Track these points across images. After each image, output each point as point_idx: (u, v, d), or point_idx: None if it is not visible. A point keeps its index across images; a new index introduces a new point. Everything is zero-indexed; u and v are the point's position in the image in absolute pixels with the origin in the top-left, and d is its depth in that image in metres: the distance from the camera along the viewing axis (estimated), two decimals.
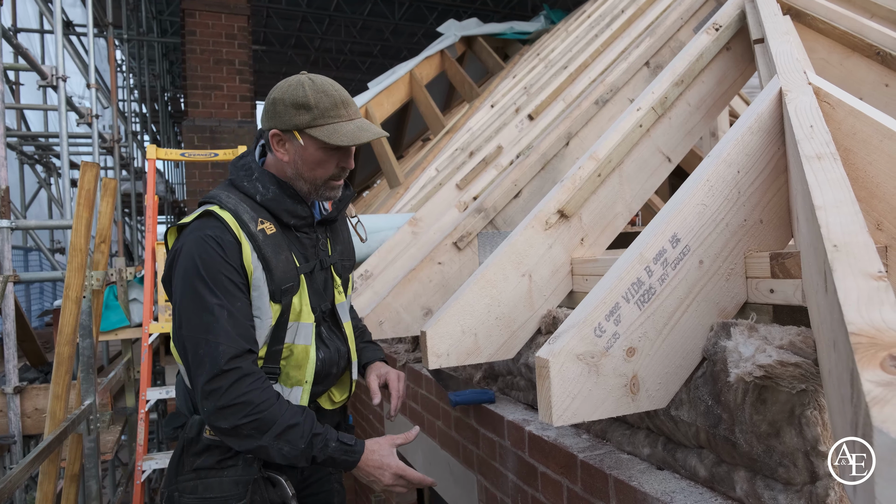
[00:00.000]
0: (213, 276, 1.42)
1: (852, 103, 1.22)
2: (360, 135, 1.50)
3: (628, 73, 2.61)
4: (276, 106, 1.51)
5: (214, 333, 1.39)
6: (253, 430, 1.39)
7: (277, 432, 1.40)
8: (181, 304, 1.45)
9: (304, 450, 1.43)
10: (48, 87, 4.46)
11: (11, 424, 3.19)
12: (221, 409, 1.38)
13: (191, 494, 1.54)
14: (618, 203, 1.91)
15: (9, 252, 3.26)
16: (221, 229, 1.45)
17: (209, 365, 1.38)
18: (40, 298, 11.79)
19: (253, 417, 1.39)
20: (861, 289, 0.68)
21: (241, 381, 1.39)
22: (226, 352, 1.39)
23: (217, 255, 1.43)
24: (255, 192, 1.54)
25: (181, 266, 1.45)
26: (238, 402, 1.38)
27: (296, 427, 1.43)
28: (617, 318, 1.12)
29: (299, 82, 1.51)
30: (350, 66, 14.41)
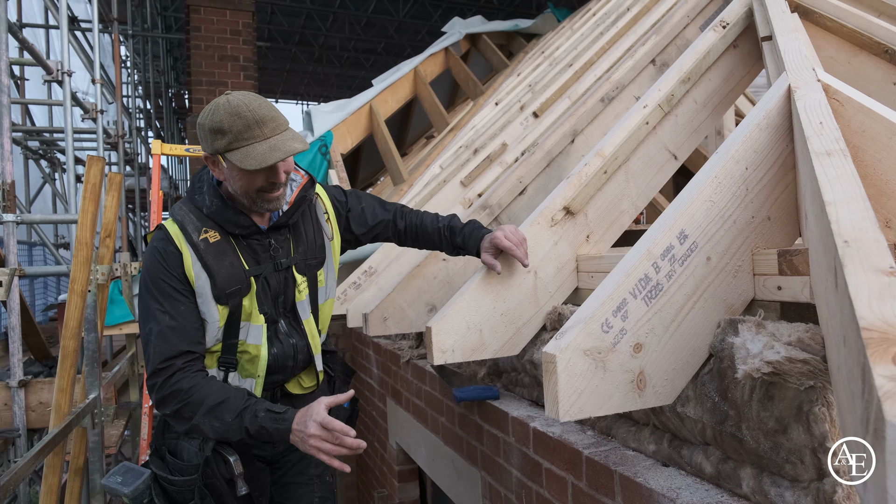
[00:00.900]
0: (156, 284, 1.60)
1: (862, 100, 1.21)
2: (269, 156, 1.53)
3: (634, 70, 2.60)
4: (199, 131, 1.59)
5: (155, 336, 1.57)
6: (188, 412, 1.56)
7: (205, 410, 1.55)
8: (138, 307, 1.66)
9: (232, 422, 1.54)
10: (53, 81, 4.47)
11: (16, 418, 3.20)
12: (160, 400, 1.58)
13: (170, 453, 1.73)
14: (623, 200, 1.91)
15: (14, 246, 3.27)
16: (165, 241, 1.62)
17: (149, 365, 1.58)
18: (44, 293, 11.82)
19: (184, 402, 1.55)
20: (872, 284, 0.68)
21: (173, 377, 1.56)
22: (161, 353, 1.56)
23: (160, 265, 1.60)
24: (202, 204, 1.68)
25: (141, 274, 1.65)
26: (170, 391, 1.56)
27: (223, 403, 1.55)
28: (624, 313, 1.12)
29: (216, 106, 1.56)
30: (354, 63, 14.40)
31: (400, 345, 3.27)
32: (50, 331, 5.84)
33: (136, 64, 9.56)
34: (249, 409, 1.55)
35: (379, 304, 2.24)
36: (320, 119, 5.63)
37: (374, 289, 3.05)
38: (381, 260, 3.20)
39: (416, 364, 2.81)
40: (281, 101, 17.81)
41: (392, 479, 3.52)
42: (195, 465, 1.70)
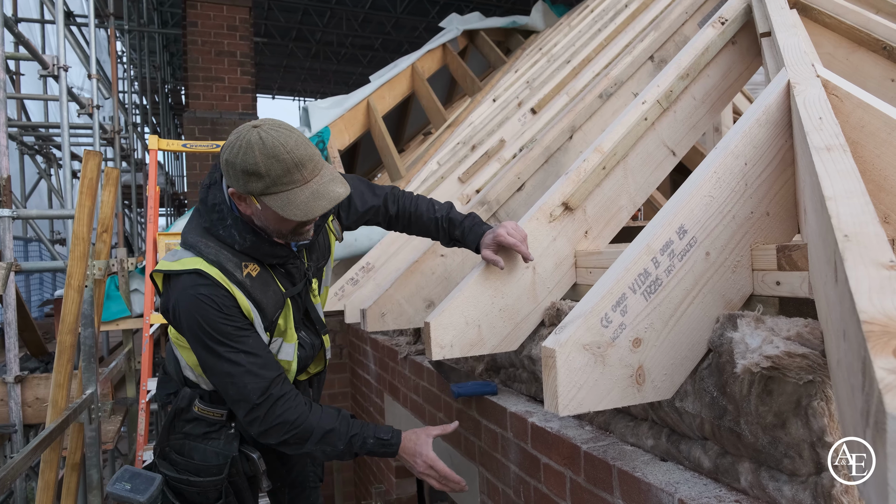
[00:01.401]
0: (219, 331, 1.53)
1: (861, 96, 1.22)
2: (314, 206, 1.46)
3: (632, 66, 2.60)
4: (228, 168, 1.46)
5: (238, 376, 1.54)
6: (296, 441, 1.60)
7: (317, 439, 1.61)
8: (200, 357, 1.59)
9: (343, 450, 1.64)
10: (49, 76, 4.44)
11: (12, 413, 3.18)
12: (264, 432, 1.58)
13: (178, 453, 1.74)
14: (622, 196, 1.91)
15: (10, 241, 3.25)
16: (212, 287, 1.54)
17: (243, 402, 1.56)
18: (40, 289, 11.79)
19: (292, 433, 1.58)
20: (873, 278, 0.68)
21: (275, 407, 1.57)
22: (255, 388, 1.55)
23: (216, 312, 1.53)
24: (231, 241, 1.58)
25: (187, 325, 1.56)
26: (276, 423, 1.57)
27: (332, 432, 1.62)
28: (623, 308, 1.12)
29: (249, 145, 1.42)
30: (351, 59, 14.37)
31: (397, 341, 3.27)
32: (46, 326, 5.83)
33: (132, 59, 9.51)
34: (358, 437, 1.64)
35: (377, 299, 2.24)
36: (318, 115, 5.62)
37: (371, 285, 3.05)
38: (378, 256, 3.20)
39: (414, 360, 2.82)
40: (278, 97, 17.77)
41: (389, 475, 3.53)
42: (217, 466, 1.74)
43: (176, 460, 1.75)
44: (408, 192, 1.94)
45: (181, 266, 1.56)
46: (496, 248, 1.66)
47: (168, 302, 1.60)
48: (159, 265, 1.62)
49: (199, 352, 1.58)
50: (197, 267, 1.54)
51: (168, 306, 1.60)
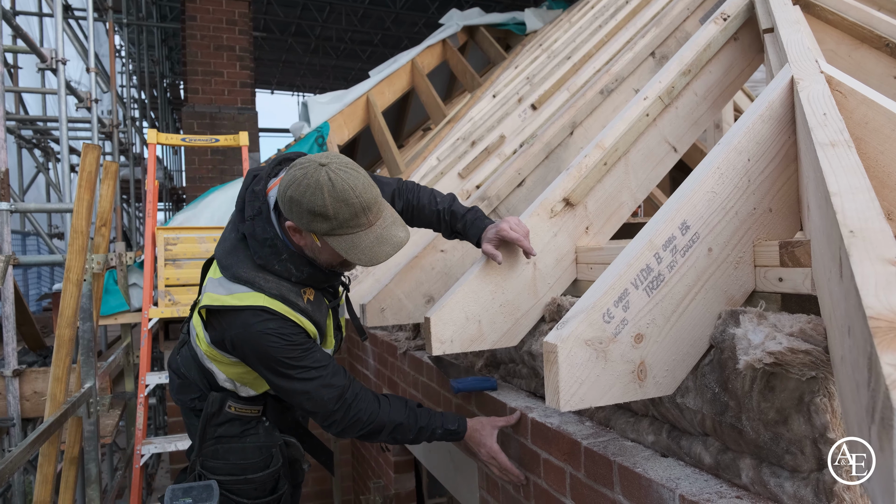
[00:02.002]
0: (290, 358, 1.60)
1: (865, 92, 1.21)
2: (379, 252, 1.51)
3: (633, 63, 2.60)
4: (292, 205, 1.47)
5: (314, 391, 1.63)
6: (370, 434, 1.71)
7: (388, 432, 1.72)
8: (271, 381, 1.66)
9: (413, 439, 1.75)
10: (47, 69, 4.43)
11: (10, 407, 3.18)
12: (342, 432, 1.69)
13: (213, 459, 1.81)
14: (623, 192, 1.91)
15: (8, 235, 3.24)
16: (279, 321, 1.58)
17: (321, 411, 1.66)
18: (38, 283, 11.76)
19: (367, 430, 1.70)
20: (879, 273, 0.68)
21: (350, 410, 1.67)
22: (331, 398, 1.64)
23: (286, 344, 1.58)
24: (289, 274, 1.63)
25: (254, 356, 1.61)
26: (352, 423, 1.68)
27: (402, 426, 1.72)
28: (626, 304, 1.11)
29: (318, 186, 1.43)
30: (350, 54, 14.33)
31: (397, 336, 3.27)
32: (44, 320, 5.82)
33: (130, 53, 9.48)
34: (426, 429, 1.74)
35: (376, 294, 2.23)
36: (317, 110, 5.61)
37: (371, 280, 3.04)
38: None
39: (413, 355, 2.81)
40: (277, 92, 17.73)
41: (388, 469, 3.53)
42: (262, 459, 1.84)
43: (214, 466, 1.82)
44: (410, 183, 1.92)
45: (240, 302, 1.58)
46: (498, 242, 1.66)
47: (225, 334, 1.63)
48: (211, 300, 1.62)
49: (270, 378, 1.64)
50: (261, 304, 1.57)
51: (224, 338, 1.64)
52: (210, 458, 1.82)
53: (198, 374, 1.86)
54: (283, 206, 1.50)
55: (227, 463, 1.81)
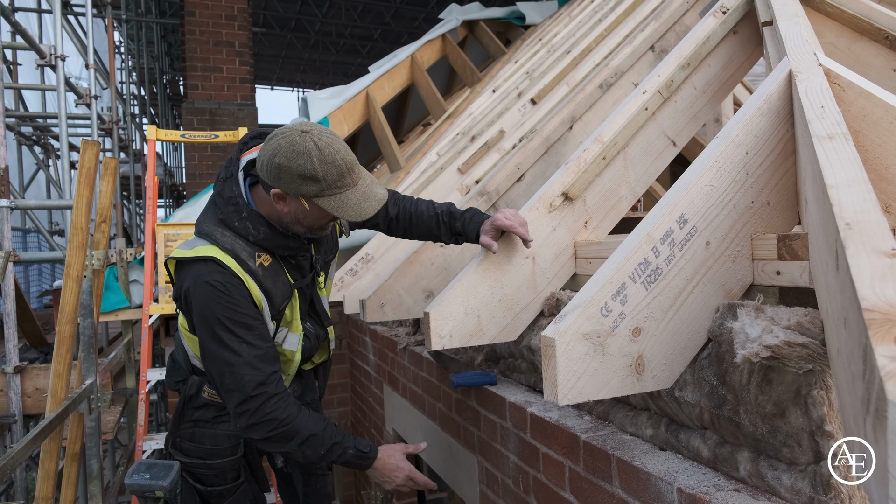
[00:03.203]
0: (228, 317, 1.59)
1: (863, 85, 1.21)
2: (366, 207, 1.57)
3: (633, 56, 2.59)
4: (280, 172, 1.52)
5: (238, 366, 1.59)
6: (279, 440, 1.64)
7: (300, 441, 1.64)
8: (203, 343, 1.64)
9: (323, 455, 1.68)
10: (46, 66, 4.42)
11: (12, 404, 3.19)
12: (252, 426, 1.61)
13: (189, 441, 1.83)
14: (622, 186, 1.90)
15: (8, 232, 3.24)
16: (226, 275, 1.60)
17: (237, 392, 1.59)
18: (39, 280, 11.78)
19: (279, 431, 1.62)
20: (874, 266, 0.68)
21: (267, 403, 1.60)
22: (251, 380, 1.59)
23: (227, 299, 1.59)
24: (246, 232, 1.66)
25: (197, 311, 1.62)
26: (265, 419, 1.60)
27: (315, 437, 1.66)
28: (623, 297, 1.11)
29: (305, 150, 1.49)
30: (350, 50, 14.31)
31: (397, 331, 3.27)
32: (45, 317, 5.83)
33: (130, 49, 9.47)
34: (338, 447, 1.70)
35: (376, 290, 2.23)
36: (316, 106, 5.60)
37: (371, 275, 3.04)
38: (377, 247, 3.19)
39: (413, 350, 2.82)
40: (277, 88, 17.70)
41: None
42: (230, 447, 1.83)
43: (188, 448, 1.84)
44: (407, 196, 1.98)
45: (196, 253, 1.62)
46: (495, 233, 1.68)
47: (181, 288, 1.65)
48: (174, 253, 1.67)
49: (204, 338, 1.62)
50: (212, 255, 1.60)
51: (181, 292, 1.65)
52: (186, 440, 1.85)
53: (182, 357, 1.90)
54: (270, 174, 1.54)
55: (201, 447, 1.83)
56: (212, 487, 1.84)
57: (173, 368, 1.95)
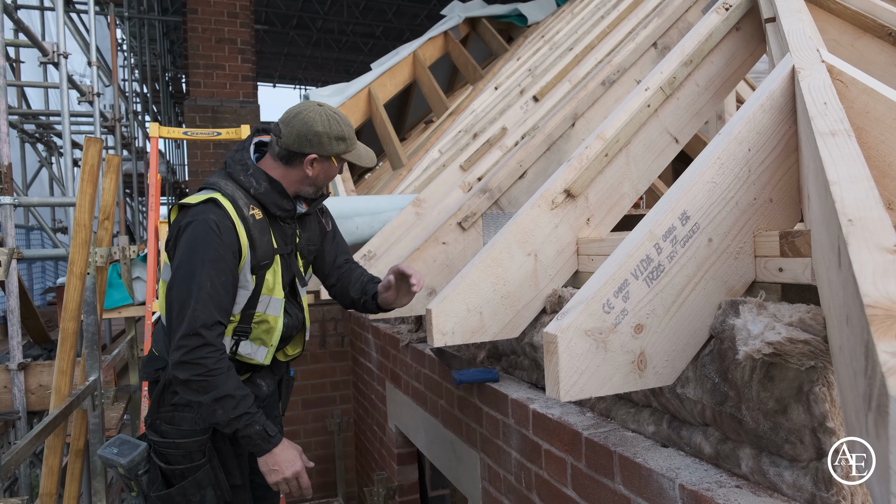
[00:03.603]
0: (207, 251, 1.72)
1: (866, 81, 1.21)
2: (370, 156, 1.97)
3: (635, 53, 2.58)
4: (321, 138, 1.82)
5: (196, 300, 1.69)
6: (199, 388, 1.69)
7: (216, 397, 1.69)
8: (178, 270, 1.74)
9: (231, 420, 1.71)
10: (49, 63, 4.42)
11: (16, 400, 3.20)
12: (181, 364, 1.68)
13: (168, 424, 1.88)
14: (624, 183, 1.90)
15: (12, 229, 3.25)
16: (222, 216, 1.76)
17: (186, 324, 1.68)
18: (42, 277, 11.80)
19: (202, 378, 1.68)
20: (877, 262, 0.68)
21: (204, 347, 1.69)
22: (200, 318, 1.68)
23: (215, 235, 1.73)
24: (248, 185, 1.85)
25: (186, 239, 1.75)
26: (195, 361, 1.68)
27: (231, 398, 1.71)
28: (626, 294, 1.12)
29: (332, 118, 1.84)
30: (352, 47, 14.30)
31: (399, 329, 3.28)
32: (48, 314, 5.84)
33: (132, 47, 9.47)
34: (248, 417, 1.73)
35: None
36: None
37: (373, 272, 3.04)
38: (380, 244, 3.19)
39: (416, 347, 2.82)
40: (279, 85, 17.69)
41: (391, 461, 3.54)
42: (204, 428, 1.87)
43: (165, 430, 1.87)
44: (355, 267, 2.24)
45: (199, 198, 1.80)
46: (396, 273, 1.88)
47: (178, 225, 1.78)
48: (185, 199, 1.84)
49: (180, 267, 1.73)
50: (214, 196, 1.79)
51: (177, 229, 1.79)
52: (165, 423, 1.88)
53: (162, 345, 1.94)
54: (310, 143, 1.83)
55: (178, 429, 1.86)
56: (175, 466, 1.86)
57: (151, 360, 2.00)
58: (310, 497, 1.88)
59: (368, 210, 3.60)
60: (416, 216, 3.30)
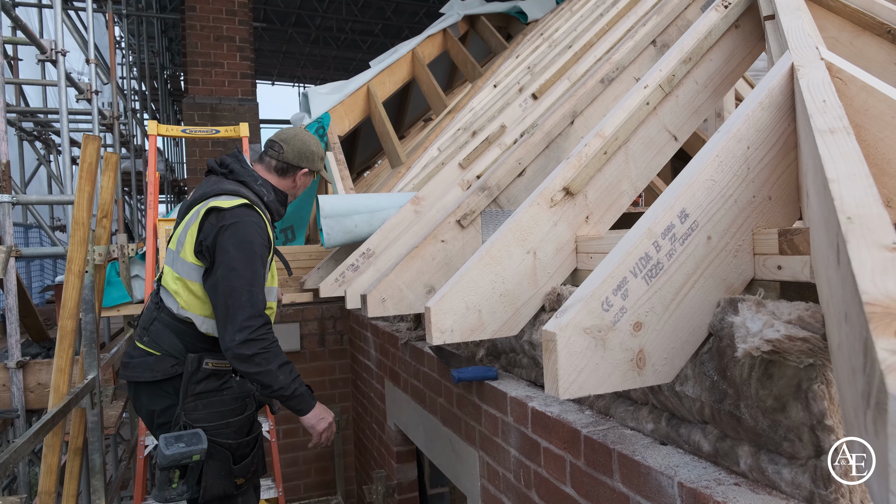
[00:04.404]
0: (259, 251, 2.11)
1: (865, 79, 1.20)
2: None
3: (634, 51, 2.58)
4: (313, 156, 2.37)
5: (257, 288, 2.07)
6: (264, 359, 2.05)
7: (280, 364, 2.07)
8: (233, 263, 2.05)
9: (290, 383, 2.09)
10: (47, 61, 4.41)
11: (14, 399, 3.19)
12: (249, 341, 2.01)
13: (195, 412, 2.14)
14: (623, 181, 1.90)
15: (10, 227, 3.25)
16: (260, 220, 2.15)
17: (250, 308, 2.03)
18: (41, 276, 11.79)
19: (267, 350, 2.05)
20: (875, 259, 0.68)
21: (267, 325, 2.07)
22: (261, 301, 2.08)
23: (262, 238, 2.13)
24: (261, 194, 2.25)
25: (234, 237, 2.07)
26: (262, 336, 2.04)
27: (289, 365, 2.11)
28: (624, 292, 1.11)
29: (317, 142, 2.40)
30: (351, 45, 14.27)
31: (398, 327, 3.27)
32: (47, 313, 5.83)
33: (130, 45, 9.45)
34: (299, 380, 2.14)
35: (377, 285, 2.23)
36: (317, 101, 5.59)
37: (371, 270, 3.04)
38: (378, 242, 3.19)
39: (415, 346, 2.82)
40: (277, 83, 17.67)
41: (390, 459, 3.55)
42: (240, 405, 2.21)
43: (197, 417, 2.13)
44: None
45: (237, 202, 2.13)
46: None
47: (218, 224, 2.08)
48: (217, 203, 2.11)
49: (236, 261, 2.05)
50: (245, 202, 2.14)
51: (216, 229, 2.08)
52: (192, 412, 2.14)
53: (171, 339, 2.17)
54: (305, 158, 2.33)
55: (209, 412, 2.14)
56: (237, 440, 2.17)
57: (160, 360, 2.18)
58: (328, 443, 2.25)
59: (367, 208, 3.60)
60: (414, 214, 3.30)
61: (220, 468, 2.13)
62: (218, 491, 2.13)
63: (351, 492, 4.60)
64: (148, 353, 2.19)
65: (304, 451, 4.53)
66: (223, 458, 2.13)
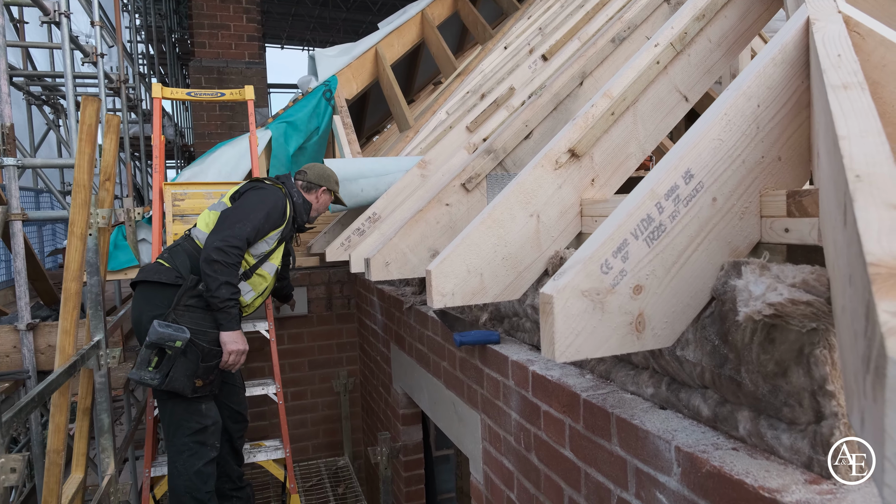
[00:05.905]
0: (269, 211, 2.95)
1: (884, 33, 1.15)
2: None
3: (647, 9, 2.50)
4: (330, 178, 3.26)
5: (246, 223, 2.86)
6: (219, 270, 2.76)
7: (226, 280, 2.77)
8: (245, 205, 2.94)
9: (226, 298, 2.78)
10: (51, 23, 4.36)
11: (25, 360, 3.24)
12: (221, 249, 2.76)
13: (181, 317, 2.78)
14: (631, 143, 1.85)
15: (16, 190, 3.25)
16: (284, 202, 3.04)
17: (238, 231, 2.82)
18: (53, 240, 11.89)
19: (226, 266, 2.78)
20: (883, 219, 0.65)
21: (237, 248, 2.81)
22: (244, 233, 2.84)
23: (274, 206, 2.98)
24: (293, 195, 3.13)
25: (258, 195, 2.99)
26: (230, 251, 2.78)
27: (232, 286, 2.81)
28: (625, 254, 1.09)
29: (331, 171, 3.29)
30: (360, 7, 14.02)
31: (403, 291, 3.27)
32: (58, 276, 5.88)
33: (137, 7, 9.32)
34: (235, 301, 2.83)
35: (381, 248, 2.21)
36: (325, 63, 5.51)
37: (376, 234, 3.03)
38: (384, 206, 3.17)
39: (419, 310, 2.82)
40: (287, 46, 17.44)
41: (396, 422, 3.58)
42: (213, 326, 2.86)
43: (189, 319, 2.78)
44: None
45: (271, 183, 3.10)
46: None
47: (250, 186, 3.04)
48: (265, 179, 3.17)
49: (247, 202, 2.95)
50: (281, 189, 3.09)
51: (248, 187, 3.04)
52: (181, 316, 2.78)
53: (183, 259, 2.90)
54: (324, 179, 3.24)
55: (193, 318, 2.80)
56: (209, 347, 2.81)
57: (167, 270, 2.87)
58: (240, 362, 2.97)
59: (373, 172, 3.56)
60: (421, 178, 3.26)
61: (188, 367, 2.74)
62: (178, 385, 2.73)
63: (358, 453, 4.68)
64: (161, 264, 2.91)
65: (313, 413, 4.59)
66: (194, 359, 2.76)
